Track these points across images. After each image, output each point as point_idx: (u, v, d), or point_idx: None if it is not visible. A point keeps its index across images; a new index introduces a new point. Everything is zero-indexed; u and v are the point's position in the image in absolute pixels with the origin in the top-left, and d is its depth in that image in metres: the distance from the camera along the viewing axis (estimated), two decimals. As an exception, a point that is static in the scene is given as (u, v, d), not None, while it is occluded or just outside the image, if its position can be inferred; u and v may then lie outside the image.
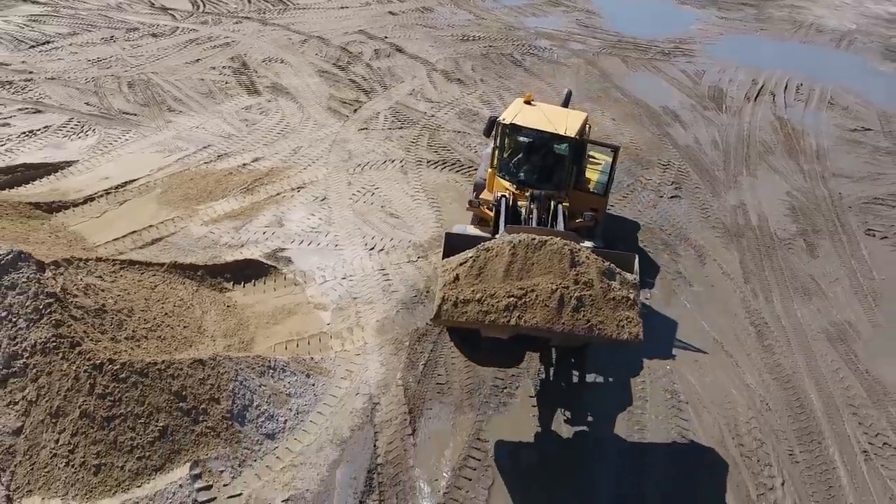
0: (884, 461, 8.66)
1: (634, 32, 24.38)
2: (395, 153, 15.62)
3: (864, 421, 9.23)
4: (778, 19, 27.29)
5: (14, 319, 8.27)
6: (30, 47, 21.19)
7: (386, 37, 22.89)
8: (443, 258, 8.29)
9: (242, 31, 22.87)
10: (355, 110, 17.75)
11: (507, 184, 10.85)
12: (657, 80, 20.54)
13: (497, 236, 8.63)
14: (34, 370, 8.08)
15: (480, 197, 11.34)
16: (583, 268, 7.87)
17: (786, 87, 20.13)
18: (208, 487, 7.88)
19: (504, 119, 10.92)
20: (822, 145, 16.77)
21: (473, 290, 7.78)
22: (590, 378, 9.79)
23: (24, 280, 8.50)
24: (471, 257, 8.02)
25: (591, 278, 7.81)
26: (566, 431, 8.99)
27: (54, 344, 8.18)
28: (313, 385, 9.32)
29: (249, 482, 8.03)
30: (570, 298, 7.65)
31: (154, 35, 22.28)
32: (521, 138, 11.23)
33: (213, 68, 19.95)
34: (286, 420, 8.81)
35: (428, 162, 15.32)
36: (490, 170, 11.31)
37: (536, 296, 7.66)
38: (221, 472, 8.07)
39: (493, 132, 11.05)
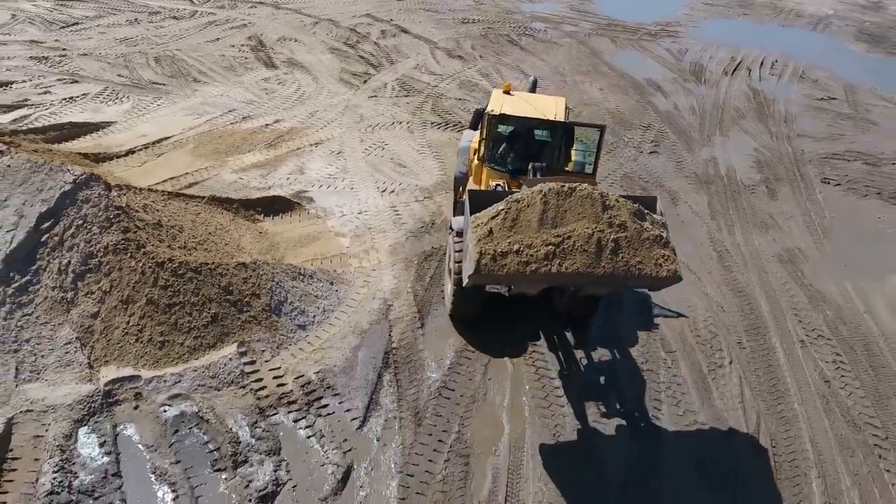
0: (817, 348, 10.30)
1: (624, 17, 26.04)
2: (402, 116, 17.27)
3: (803, 320, 10.86)
4: (760, 5, 28.96)
5: (89, 227, 9.90)
6: (60, 28, 22.83)
7: (391, 19, 24.54)
8: (470, 215, 8.27)
9: (257, 14, 24.53)
10: (365, 81, 19.40)
11: (498, 174, 10.67)
12: (643, 58, 22.19)
13: (521, 190, 8.62)
14: (107, 266, 9.72)
15: (471, 189, 10.79)
16: (614, 211, 7.93)
17: (762, 63, 21.77)
18: (252, 362, 9.51)
19: (492, 110, 10.73)
20: (790, 111, 18.41)
21: (510, 242, 7.75)
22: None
23: (95, 196, 10.13)
24: (502, 210, 8.01)
25: (624, 220, 7.86)
26: (547, 330, 10.56)
27: (123, 245, 9.82)
28: (336, 290, 10.96)
29: (286, 359, 9.66)
30: (607, 242, 7.69)
31: (175, 18, 23.93)
32: (508, 128, 11.07)
33: (233, 46, 21.60)
34: (315, 316, 10.44)
35: (432, 123, 16.98)
36: (476, 162, 11.23)
37: (574, 242, 7.67)
38: (263, 351, 9.71)
39: (480, 124, 10.98)
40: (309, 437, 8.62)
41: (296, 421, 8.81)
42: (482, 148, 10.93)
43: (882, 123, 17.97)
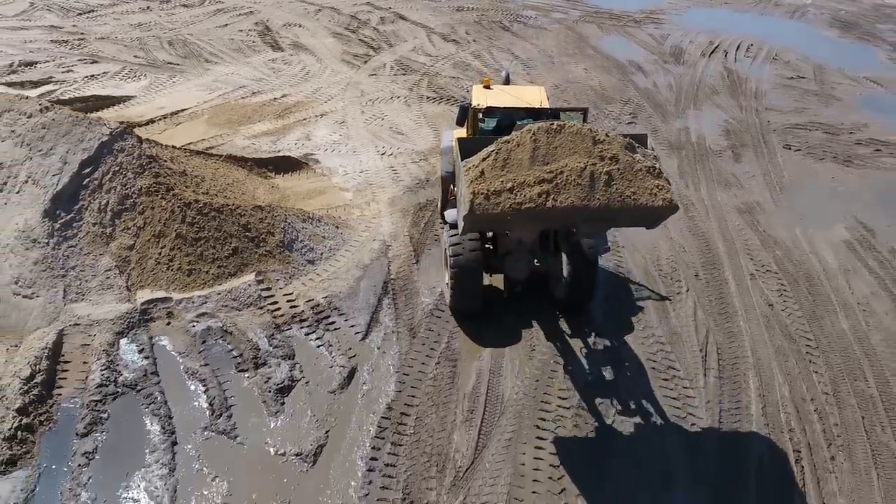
0: (765, 280, 11.68)
1: (611, 5, 27.42)
2: (399, 92, 18.66)
3: (754, 258, 12.24)
4: (741, -5, 30.32)
5: (124, 172, 11.28)
6: (77, 15, 24.27)
7: (390, 7, 25.94)
8: (461, 161, 8.31)
9: (263, 2, 25.92)
10: (365, 62, 20.79)
11: None
12: (627, 42, 23.59)
13: (512, 134, 8.46)
14: (141, 206, 11.10)
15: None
16: (605, 145, 7.93)
17: (738, 47, 23.15)
18: (268, 288, 10.88)
19: (478, 104, 10.80)
20: (760, 88, 19.80)
21: (503, 181, 7.75)
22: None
23: (129, 146, 11.53)
24: (492, 151, 8.03)
25: (615, 153, 7.86)
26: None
27: (155, 188, 11.21)
28: (341, 233, 12.35)
29: (298, 287, 11.04)
30: (600, 174, 7.68)
31: (185, 6, 25.35)
32: (493, 121, 10.94)
33: (241, 31, 23.01)
34: (322, 253, 11.82)
35: (427, 98, 18.36)
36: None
37: (567, 176, 7.67)
38: (277, 280, 11.08)
39: (466, 120, 10.94)
40: (319, 347, 9.99)
41: (307, 334, 10.20)
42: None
43: (845, 99, 19.35)
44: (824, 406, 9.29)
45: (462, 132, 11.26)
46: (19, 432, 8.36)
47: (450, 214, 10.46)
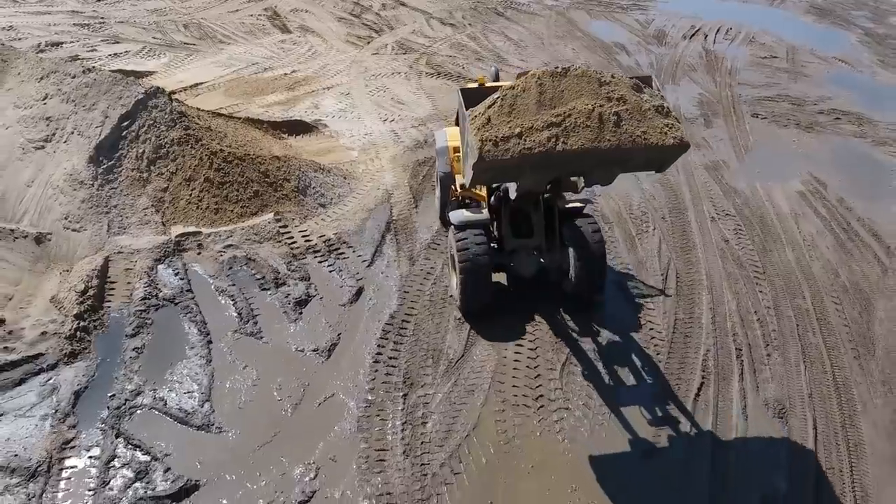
0: (723, 221, 13.19)
1: (600, -6, 28.92)
2: (400, 68, 20.18)
3: (716, 205, 13.76)
4: (726, -14, 31.83)
5: (158, 125, 12.79)
6: (96, 1, 25.74)
7: (391, -6, 27.44)
8: (466, 110, 8.34)
9: (272, -11, 27.40)
10: (368, 43, 22.31)
11: None
12: (613, 26, 25.11)
13: (517, 80, 8.33)
14: (173, 154, 12.62)
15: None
16: (611, 86, 7.88)
17: (718, 30, 24.67)
18: (285, 226, 12.39)
19: None
20: (735, 66, 21.32)
21: (510, 127, 7.67)
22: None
23: (161, 103, 13.04)
24: (497, 97, 7.99)
25: (623, 94, 7.82)
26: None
27: (185, 139, 12.73)
28: (348, 183, 13.88)
29: (311, 226, 12.55)
30: (608, 115, 7.61)
31: (198, -7, 26.82)
32: None
33: (251, 15, 24.52)
34: (332, 199, 13.35)
35: (426, 73, 19.89)
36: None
37: (575, 119, 7.60)
38: (293, 219, 12.60)
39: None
40: (331, 271, 11.51)
41: (320, 262, 11.72)
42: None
43: (814, 76, 20.86)
44: (765, 317, 10.81)
45: (458, 134, 11.26)
46: (77, 332, 9.88)
47: (455, 216, 10.41)
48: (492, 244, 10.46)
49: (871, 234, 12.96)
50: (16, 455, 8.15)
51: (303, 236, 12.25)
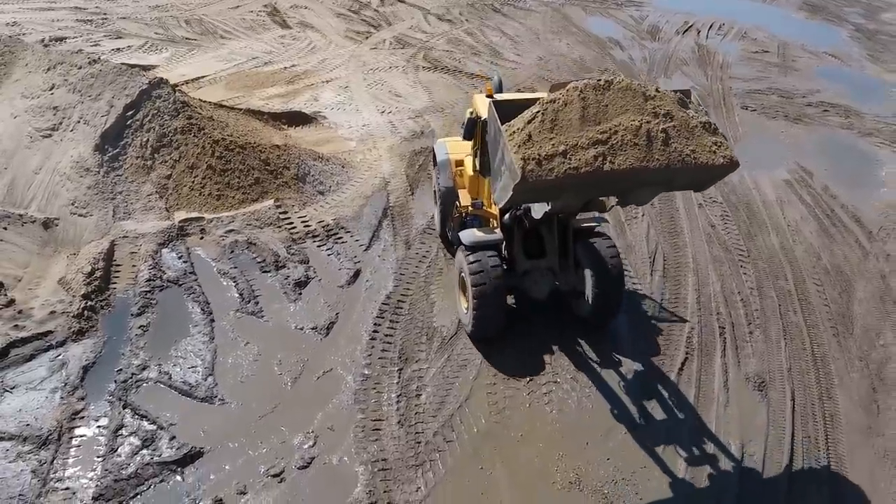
0: (710, 208, 13.59)
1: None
2: (398, 62, 20.56)
3: (703, 192, 14.14)
4: (720, -17, 32.23)
5: (162, 115, 13.18)
6: (99, -2, 26.10)
7: (389, -9, 27.82)
8: (501, 124, 7.75)
9: (271, -14, 27.79)
10: (366, 38, 22.69)
11: None
12: (608, 22, 25.50)
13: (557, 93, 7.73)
14: (177, 142, 13.00)
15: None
16: (657, 101, 7.52)
17: (711, 26, 25.07)
18: (285, 212, 12.77)
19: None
20: (727, 61, 21.71)
21: (554, 144, 7.24)
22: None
23: (165, 93, 13.42)
24: (538, 112, 7.53)
25: (669, 109, 7.44)
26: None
27: (188, 128, 13.11)
28: (346, 171, 14.26)
29: (310, 212, 12.94)
30: (656, 132, 7.23)
31: (199, -10, 27.20)
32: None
33: (251, 11, 24.88)
34: (330, 186, 13.73)
35: (423, 67, 20.27)
36: (472, 174, 10.57)
37: (622, 136, 7.21)
38: (292, 205, 12.98)
39: (474, 134, 10.09)
40: (329, 255, 11.90)
41: (319, 246, 12.10)
42: (478, 159, 10.15)
43: (803, 70, 21.26)
44: (749, 297, 11.21)
45: (459, 146, 11.21)
46: (85, 312, 10.25)
47: (467, 236, 9.82)
48: (503, 264, 9.77)
49: (854, 220, 13.36)
50: (27, 424, 8.53)
51: (302, 222, 12.62)
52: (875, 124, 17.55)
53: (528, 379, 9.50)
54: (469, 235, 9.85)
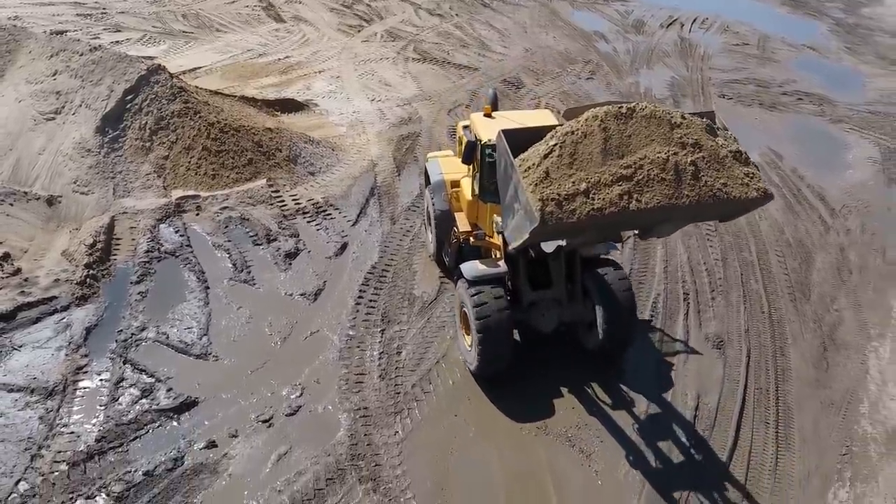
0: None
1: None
2: (388, 54, 21.24)
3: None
4: (706, -21, 32.96)
5: (160, 99, 13.84)
6: (98, -7, 26.74)
7: (382, -13, 28.51)
8: (514, 158, 7.15)
9: (267, -18, 28.46)
10: (358, 31, 23.36)
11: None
12: (595, 16, 26.21)
13: (573, 122, 7.11)
14: (174, 125, 13.66)
15: (470, 232, 9.93)
16: (684, 129, 6.89)
17: (694, 20, 25.78)
18: (277, 191, 13.43)
19: (489, 139, 9.04)
20: (707, 53, 22.42)
21: (574, 182, 6.61)
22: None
23: (163, 79, 14.09)
24: (554, 145, 6.87)
25: (697, 138, 6.84)
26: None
27: (185, 111, 13.78)
28: (336, 154, 14.94)
29: (301, 191, 13.60)
30: (685, 165, 6.63)
31: (196, -14, 27.86)
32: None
33: (247, 6, 25.54)
34: (320, 167, 14.40)
35: (412, 59, 20.96)
36: (470, 199, 10.12)
37: (648, 171, 6.61)
38: (284, 185, 13.65)
39: (473, 157, 9.61)
40: (318, 230, 12.57)
41: (309, 221, 12.77)
42: (477, 183, 9.72)
43: (782, 61, 21.98)
44: (713, 267, 11.89)
45: (453, 164, 10.98)
46: (87, 280, 10.90)
47: (469, 269, 9.04)
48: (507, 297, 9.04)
49: (819, 199, 14.05)
50: (34, 378, 9.19)
51: (293, 200, 13.29)
52: (847, 111, 18.26)
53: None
54: (471, 269, 9.02)
